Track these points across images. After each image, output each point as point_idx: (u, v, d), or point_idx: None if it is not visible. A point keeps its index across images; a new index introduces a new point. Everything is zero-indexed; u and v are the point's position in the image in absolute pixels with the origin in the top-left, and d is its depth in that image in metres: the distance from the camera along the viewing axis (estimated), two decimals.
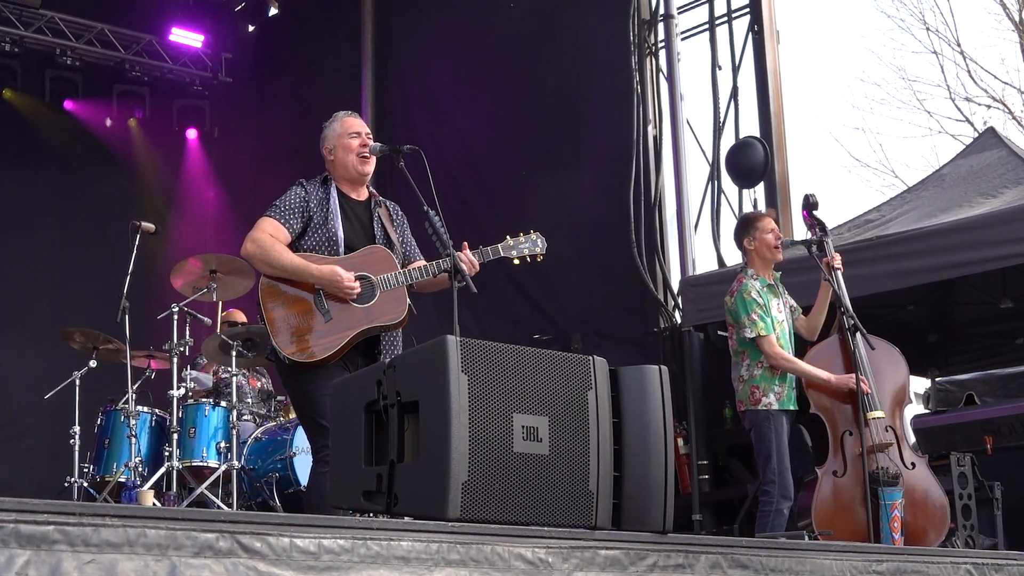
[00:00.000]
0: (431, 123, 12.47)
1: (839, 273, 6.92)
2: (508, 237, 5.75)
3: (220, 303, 9.83)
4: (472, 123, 12.07)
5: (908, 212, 9.12)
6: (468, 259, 5.39)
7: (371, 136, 5.65)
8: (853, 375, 6.69)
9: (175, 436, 8.32)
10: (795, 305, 7.26)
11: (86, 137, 14.25)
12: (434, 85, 12.69)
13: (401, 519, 3.51)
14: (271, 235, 5.26)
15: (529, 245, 5.75)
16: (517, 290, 10.85)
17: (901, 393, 6.98)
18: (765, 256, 7.13)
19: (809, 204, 7.16)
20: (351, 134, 5.60)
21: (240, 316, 9.89)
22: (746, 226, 7.26)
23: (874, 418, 6.61)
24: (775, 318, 6.95)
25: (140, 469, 8.40)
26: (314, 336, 5.18)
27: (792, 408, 6.89)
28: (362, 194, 5.62)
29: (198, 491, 8.12)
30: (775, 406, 6.84)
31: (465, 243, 5.48)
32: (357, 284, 5.23)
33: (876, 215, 9.41)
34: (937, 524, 6.68)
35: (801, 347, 7.17)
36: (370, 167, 5.61)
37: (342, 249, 5.36)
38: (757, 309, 6.90)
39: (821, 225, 7.11)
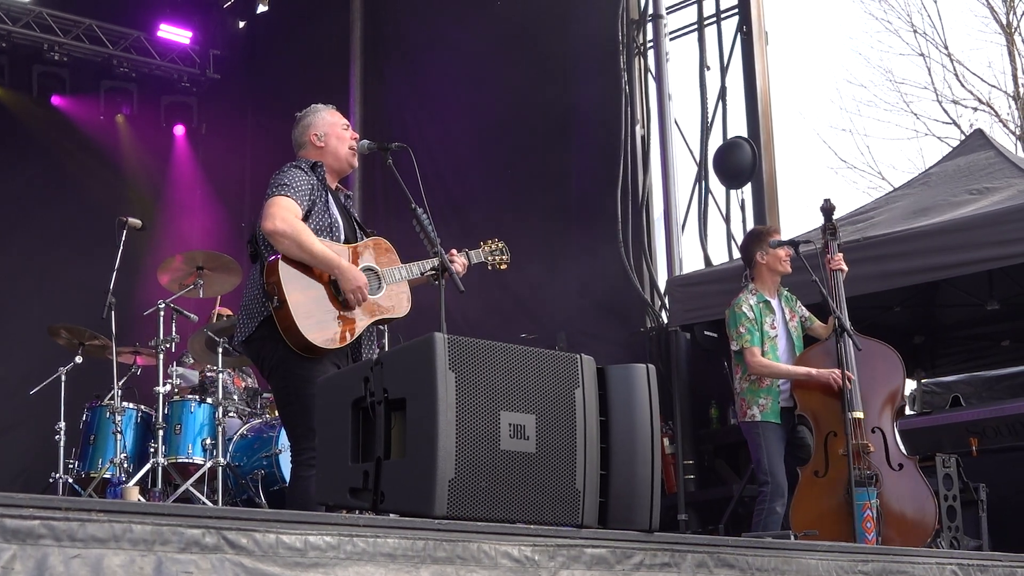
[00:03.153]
0: (419, 121, 12.47)
1: (840, 275, 7.04)
2: (481, 243, 5.96)
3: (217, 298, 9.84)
4: (460, 121, 12.08)
5: (895, 208, 9.13)
6: (461, 261, 5.58)
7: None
8: (836, 369, 6.76)
9: (161, 432, 8.30)
10: (809, 315, 7.35)
11: (73, 133, 14.23)
12: (422, 83, 12.68)
13: (387, 516, 3.50)
14: (296, 215, 5.20)
15: (498, 253, 6.01)
16: (504, 289, 10.85)
17: (894, 395, 6.99)
18: (776, 270, 7.27)
19: (826, 209, 7.26)
20: (343, 126, 5.60)
21: (227, 312, 9.86)
22: (758, 240, 7.38)
23: (855, 418, 6.65)
24: (766, 333, 7.09)
25: (125, 465, 8.39)
26: (334, 323, 5.16)
27: (776, 421, 6.97)
28: (334, 185, 5.60)
29: (183, 487, 8.10)
30: (759, 418, 7.00)
31: (453, 250, 5.59)
32: (367, 295, 5.24)
33: (862, 214, 9.42)
34: (922, 525, 6.70)
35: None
36: (356, 162, 5.68)
37: (342, 236, 5.36)
38: (745, 323, 7.06)
39: (832, 230, 7.21)
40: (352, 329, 5.22)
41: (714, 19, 11.01)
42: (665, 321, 10.12)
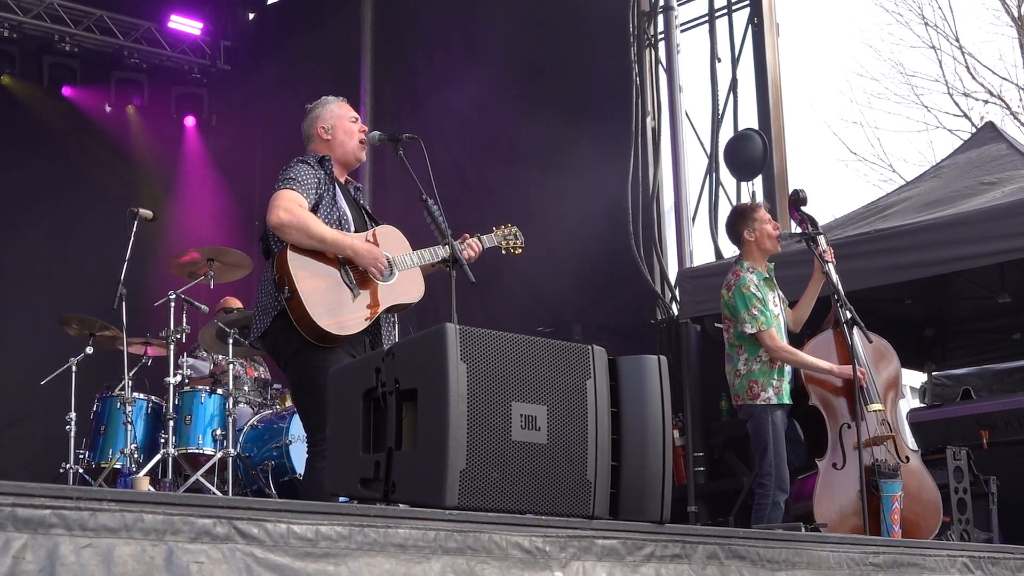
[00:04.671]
0: (429, 111, 12.44)
1: (831, 267, 6.88)
2: (494, 228, 5.95)
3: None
4: (471, 113, 12.04)
5: (907, 201, 9.11)
6: (473, 246, 5.56)
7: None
8: (849, 365, 6.69)
9: (171, 423, 8.30)
10: (783, 296, 7.20)
11: (84, 124, 14.20)
12: (433, 73, 12.66)
13: (398, 507, 3.50)
14: (301, 205, 5.19)
15: (512, 237, 6.00)
16: (517, 280, 10.83)
17: (894, 386, 6.99)
18: (765, 247, 7.05)
19: (798, 200, 7.10)
20: (352, 119, 5.59)
21: (236, 302, 9.86)
22: (743, 217, 7.15)
23: (873, 411, 6.61)
24: (772, 312, 6.89)
25: (136, 456, 8.39)
26: (346, 310, 5.15)
27: (790, 403, 6.86)
28: (343, 177, 5.60)
29: (193, 478, 8.11)
30: (774, 400, 6.78)
31: (465, 234, 5.58)
32: (385, 263, 5.25)
33: (874, 208, 9.41)
34: (930, 517, 6.71)
35: (791, 340, 7.14)
36: (364, 155, 5.67)
37: (352, 228, 5.35)
38: (756, 303, 6.82)
39: (812, 220, 7.05)
40: (365, 315, 5.20)
41: (725, 11, 10.97)
42: (675, 313, 10.10)
